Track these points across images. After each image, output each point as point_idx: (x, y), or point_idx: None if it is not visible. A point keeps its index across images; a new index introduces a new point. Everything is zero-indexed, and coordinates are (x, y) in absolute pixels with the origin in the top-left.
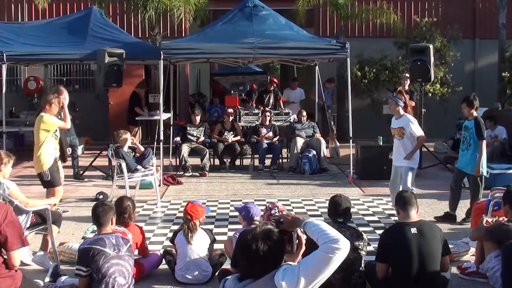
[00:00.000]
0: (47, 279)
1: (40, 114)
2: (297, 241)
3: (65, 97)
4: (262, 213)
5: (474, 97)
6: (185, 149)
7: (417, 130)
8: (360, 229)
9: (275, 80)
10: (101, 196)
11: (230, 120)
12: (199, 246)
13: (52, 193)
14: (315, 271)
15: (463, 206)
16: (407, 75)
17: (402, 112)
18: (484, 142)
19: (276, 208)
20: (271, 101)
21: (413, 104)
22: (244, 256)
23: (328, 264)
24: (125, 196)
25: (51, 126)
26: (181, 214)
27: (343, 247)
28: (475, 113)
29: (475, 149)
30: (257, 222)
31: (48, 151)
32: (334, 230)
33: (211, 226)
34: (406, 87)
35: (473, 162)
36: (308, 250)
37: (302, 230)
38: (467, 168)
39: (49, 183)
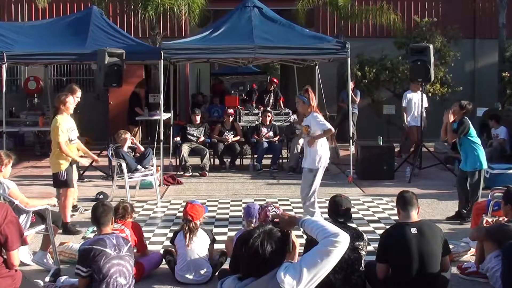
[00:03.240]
0: (47, 279)
1: (56, 117)
2: (291, 241)
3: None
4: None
5: (469, 103)
6: (185, 149)
7: (323, 125)
8: (360, 229)
9: (275, 80)
10: (101, 196)
11: (230, 120)
12: (199, 246)
13: (64, 193)
14: (317, 265)
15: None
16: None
17: (310, 109)
18: (454, 136)
19: (272, 205)
20: (271, 101)
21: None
22: (248, 256)
23: (329, 257)
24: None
25: (56, 129)
26: (181, 214)
27: (343, 240)
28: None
29: (466, 146)
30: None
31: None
32: (333, 225)
33: (211, 226)
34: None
35: (469, 159)
36: (309, 249)
37: (300, 228)
38: (463, 165)
39: (63, 183)
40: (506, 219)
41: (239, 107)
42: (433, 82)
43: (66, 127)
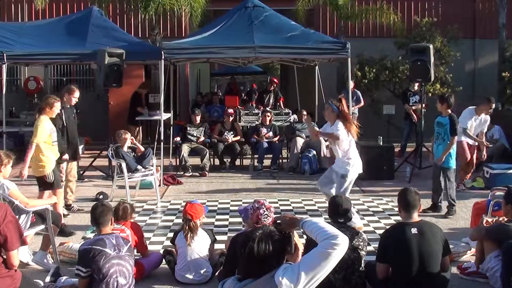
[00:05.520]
0: (47, 279)
1: (40, 118)
2: (294, 242)
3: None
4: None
5: (450, 95)
6: (185, 149)
7: (338, 132)
8: None
9: (275, 80)
10: (101, 196)
11: (230, 120)
12: (199, 246)
13: (50, 195)
14: (316, 267)
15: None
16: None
17: (335, 118)
18: (456, 138)
19: (263, 206)
20: (271, 101)
21: (420, 106)
22: (247, 257)
23: (327, 259)
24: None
25: (37, 129)
26: (181, 214)
27: (342, 242)
28: (449, 111)
29: (446, 143)
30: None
31: (49, 153)
32: (332, 227)
33: (211, 226)
34: (416, 88)
35: (447, 156)
36: (308, 250)
37: (301, 229)
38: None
39: (50, 185)
40: (506, 219)
41: (239, 107)
42: (433, 82)
43: (48, 128)
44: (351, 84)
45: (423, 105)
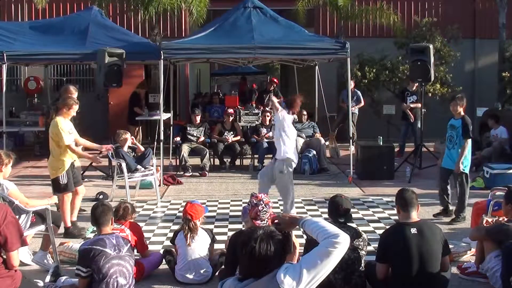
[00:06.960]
0: (47, 279)
1: (56, 119)
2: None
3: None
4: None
5: (463, 96)
6: (185, 149)
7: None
8: (360, 229)
9: (275, 80)
10: (101, 196)
11: (230, 120)
12: (199, 246)
13: (61, 198)
14: (317, 265)
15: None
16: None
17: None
18: (470, 141)
19: (261, 202)
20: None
21: (419, 105)
22: (248, 257)
23: (329, 258)
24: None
25: (60, 133)
26: (181, 214)
27: (343, 241)
28: (462, 112)
29: (459, 147)
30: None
31: (65, 155)
32: (333, 226)
33: (211, 226)
34: (414, 88)
35: (465, 159)
36: (309, 249)
37: (301, 229)
38: (453, 165)
39: (63, 188)
40: (506, 219)
41: (239, 107)
42: (433, 82)
43: (67, 129)
44: (351, 84)
45: (420, 106)
